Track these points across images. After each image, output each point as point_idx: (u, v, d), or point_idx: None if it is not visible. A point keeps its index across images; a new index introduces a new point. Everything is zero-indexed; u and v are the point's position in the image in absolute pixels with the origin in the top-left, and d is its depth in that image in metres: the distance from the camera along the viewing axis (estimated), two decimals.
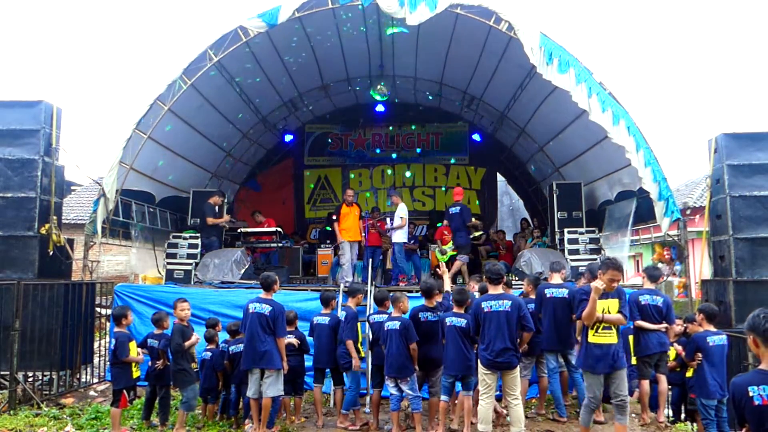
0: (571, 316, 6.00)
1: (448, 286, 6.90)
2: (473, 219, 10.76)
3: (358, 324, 6.66)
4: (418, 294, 6.80)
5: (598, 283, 4.87)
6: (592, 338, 5.05)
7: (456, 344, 5.80)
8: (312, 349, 6.72)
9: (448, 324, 5.87)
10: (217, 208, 10.52)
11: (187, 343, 6.30)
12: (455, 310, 6.00)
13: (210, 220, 10.27)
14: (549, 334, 6.52)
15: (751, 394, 2.67)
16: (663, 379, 6.24)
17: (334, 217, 10.52)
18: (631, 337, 6.49)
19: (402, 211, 10.30)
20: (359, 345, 6.61)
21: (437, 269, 7.62)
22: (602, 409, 6.46)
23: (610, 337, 5.04)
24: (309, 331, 6.80)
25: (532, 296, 6.92)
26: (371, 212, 11.71)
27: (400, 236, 10.33)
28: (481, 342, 5.67)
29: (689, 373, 6.20)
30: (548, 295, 6.59)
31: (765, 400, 2.63)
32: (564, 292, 6.50)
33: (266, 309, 6.03)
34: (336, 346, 6.56)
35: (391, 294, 6.65)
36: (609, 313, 5.02)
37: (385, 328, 6.05)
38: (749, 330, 2.88)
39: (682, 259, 9.54)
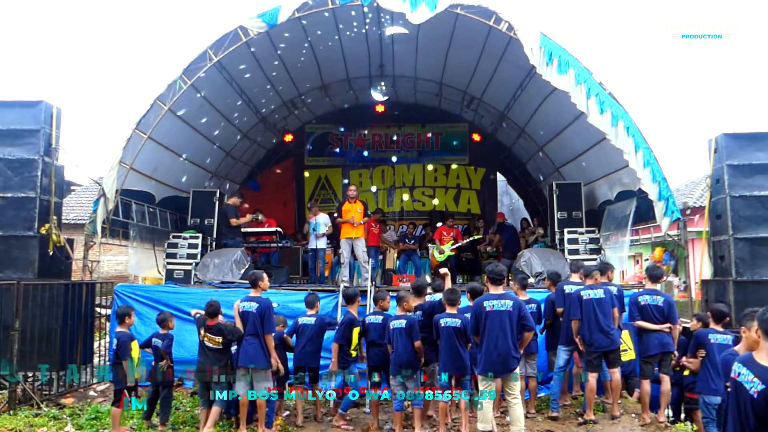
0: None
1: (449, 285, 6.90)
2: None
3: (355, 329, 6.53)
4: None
5: None
6: None
7: (451, 344, 5.78)
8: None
9: (442, 325, 5.83)
10: (235, 208, 10.59)
11: None
12: (448, 310, 5.95)
13: (233, 221, 10.31)
14: (567, 331, 6.56)
15: (734, 367, 2.96)
16: (666, 380, 6.22)
17: (336, 214, 10.51)
18: (625, 333, 6.62)
19: (322, 219, 10.79)
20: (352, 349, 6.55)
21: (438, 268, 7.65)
22: (595, 409, 6.47)
23: None
24: (293, 330, 6.72)
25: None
26: (374, 212, 11.70)
27: (322, 243, 10.75)
28: (481, 342, 5.65)
29: (687, 372, 6.22)
30: (567, 291, 6.61)
31: (736, 376, 2.89)
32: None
33: (253, 307, 5.99)
34: (318, 348, 6.57)
35: (391, 293, 6.64)
36: None
37: (391, 327, 6.04)
38: (759, 322, 3.22)
39: (676, 266, 9.53)
